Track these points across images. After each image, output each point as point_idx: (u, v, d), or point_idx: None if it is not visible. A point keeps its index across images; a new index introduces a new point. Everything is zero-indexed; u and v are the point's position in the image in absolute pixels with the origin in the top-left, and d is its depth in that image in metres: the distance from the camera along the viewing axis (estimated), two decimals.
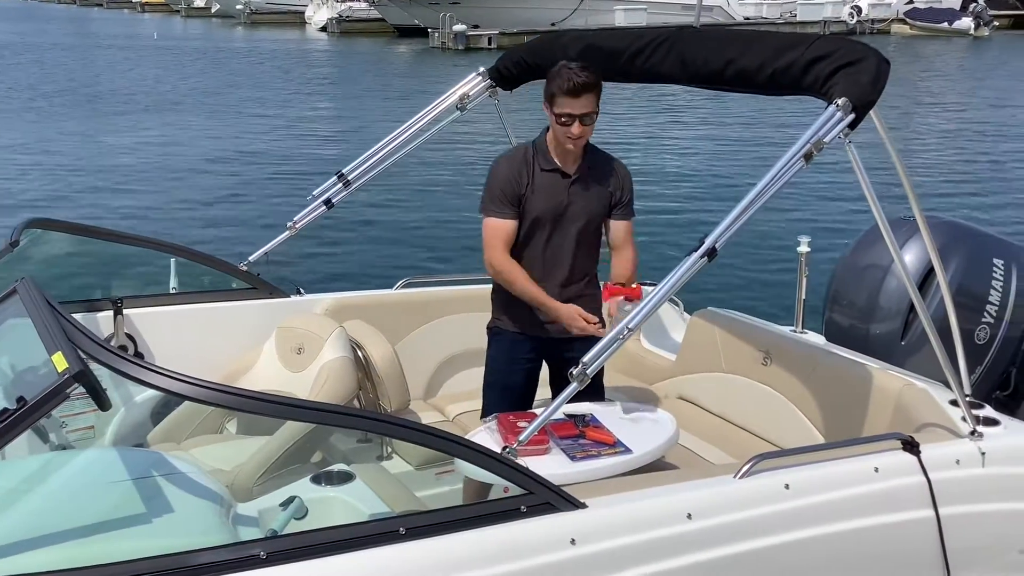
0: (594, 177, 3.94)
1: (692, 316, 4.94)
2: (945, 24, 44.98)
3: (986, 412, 3.69)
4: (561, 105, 3.74)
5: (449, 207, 13.12)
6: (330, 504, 3.18)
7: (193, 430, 4.27)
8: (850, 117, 3.29)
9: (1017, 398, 4.57)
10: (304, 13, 60.38)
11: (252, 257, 4.83)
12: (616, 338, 3.06)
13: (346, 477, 3.31)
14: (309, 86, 29.43)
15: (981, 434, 3.53)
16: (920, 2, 47.25)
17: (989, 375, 4.41)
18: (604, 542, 2.80)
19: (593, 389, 3.78)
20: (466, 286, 5.16)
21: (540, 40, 4.65)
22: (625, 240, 4.01)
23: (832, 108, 3.29)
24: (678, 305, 5.40)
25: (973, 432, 3.53)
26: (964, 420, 3.57)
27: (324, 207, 4.85)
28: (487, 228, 3.91)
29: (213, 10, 70.15)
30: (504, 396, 4.02)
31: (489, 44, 40.58)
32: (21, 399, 2.32)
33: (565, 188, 3.90)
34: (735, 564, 3.00)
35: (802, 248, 4.61)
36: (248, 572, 2.41)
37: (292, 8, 62.52)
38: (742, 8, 47.46)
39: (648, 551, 2.86)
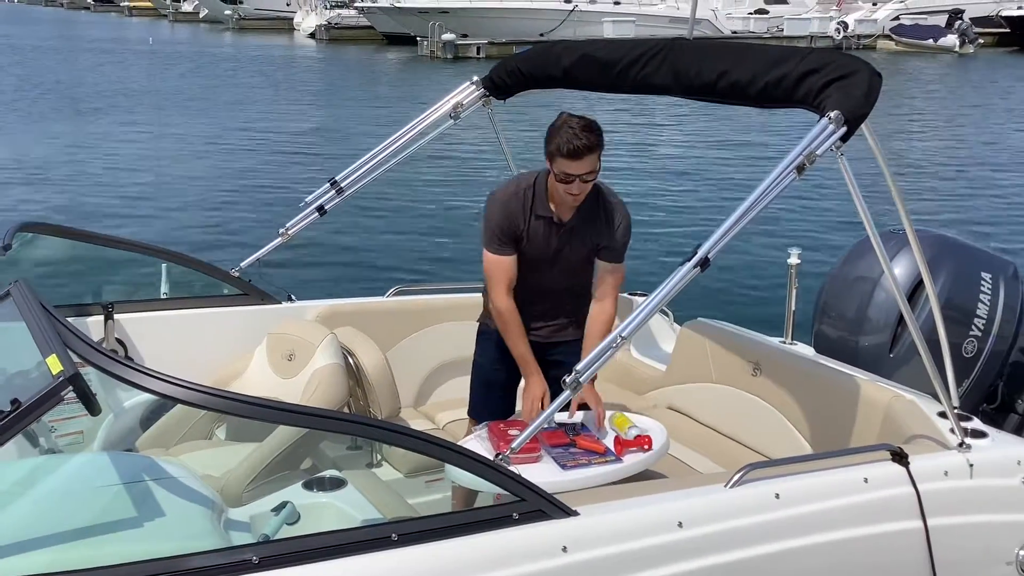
0: (588, 225, 3.92)
1: (682, 327, 4.96)
2: (931, 41, 45.25)
3: (974, 424, 3.72)
4: (561, 165, 3.71)
5: (441, 216, 13.13)
6: (322, 510, 3.18)
7: (183, 436, 4.25)
8: (842, 130, 3.32)
9: (1004, 411, 4.61)
10: (293, 20, 60.35)
11: (244, 263, 4.82)
12: (609, 347, 3.07)
13: (338, 483, 3.32)
14: (298, 93, 29.41)
15: (969, 446, 3.56)
16: (906, 19, 47.57)
17: (977, 388, 4.45)
18: (596, 550, 2.82)
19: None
20: (457, 294, 5.17)
21: (534, 50, 4.67)
22: (608, 287, 3.95)
23: (824, 121, 3.32)
24: (668, 316, 5.43)
25: (961, 444, 3.56)
26: (952, 432, 3.60)
27: (317, 214, 4.85)
28: (488, 262, 3.95)
29: (201, 15, 70.03)
30: (489, 392, 4.10)
31: (478, 54, 40.66)
32: (15, 401, 2.32)
33: (556, 235, 3.91)
34: (725, 573, 3.01)
35: (792, 260, 4.64)
36: None
37: (280, 14, 62.48)
38: (729, 22, 47.71)
39: (639, 559, 2.88)
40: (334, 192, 4.83)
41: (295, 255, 9.22)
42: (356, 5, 51.41)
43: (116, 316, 4.39)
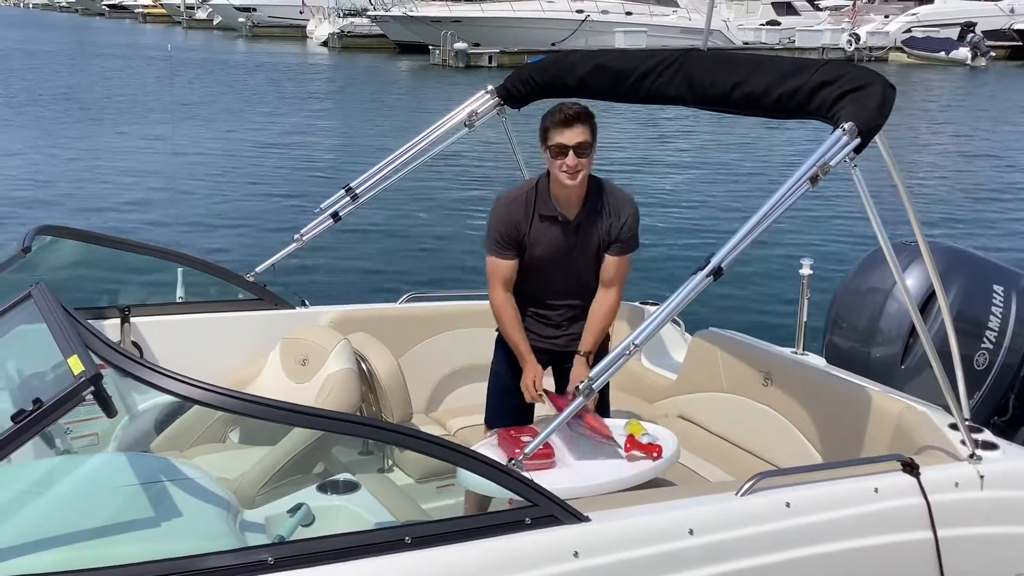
0: (594, 221, 3.95)
1: (694, 336, 4.98)
2: (942, 53, 45.18)
3: (985, 436, 3.72)
4: (553, 137, 3.77)
5: (455, 223, 13.16)
6: (336, 512, 3.21)
7: (196, 439, 4.28)
8: (856, 141, 3.34)
9: (1015, 424, 4.61)
10: (305, 28, 60.56)
11: (259, 268, 4.86)
12: (622, 354, 3.09)
13: (352, 486, 3.34)
14: (311, 100, 29.51)
15: (980, 458, 3.57)
16: (918, 31, 47.52)
17: (988, 400, 4.46)
18: (607, 555, 2.84)
19: (599, 405, 3.84)
20: (470, 301, 5.19)
21: (549, 59, 4.70)
22: (613, 279, 3.98)
23: (838, 132, 3.33)
24: (680, 325, 5.44)
25: (972, 455, 3.57)
26: (963, 443, 3.60)
27: (331, 220, 4.88)
28: (488, 266, 4.01)
29: (215, 22, 70.30)
30: (506, 399, 4.09)
31: (489, 63, 40.73)
32: (38, 400, 2.35)
33: (564, 237, 3.93)
34: None
35: (804, 270, 4.66)
36: None
37: (294, 22, 62.71)
38: (741, 33, 47.74)
39: (650, 565, 2.89)
40: (349, 199, 4.87)
41: (309, 261, 9.25)
42: (369, 14, 51.61)
43: (132, 319, 4.43)
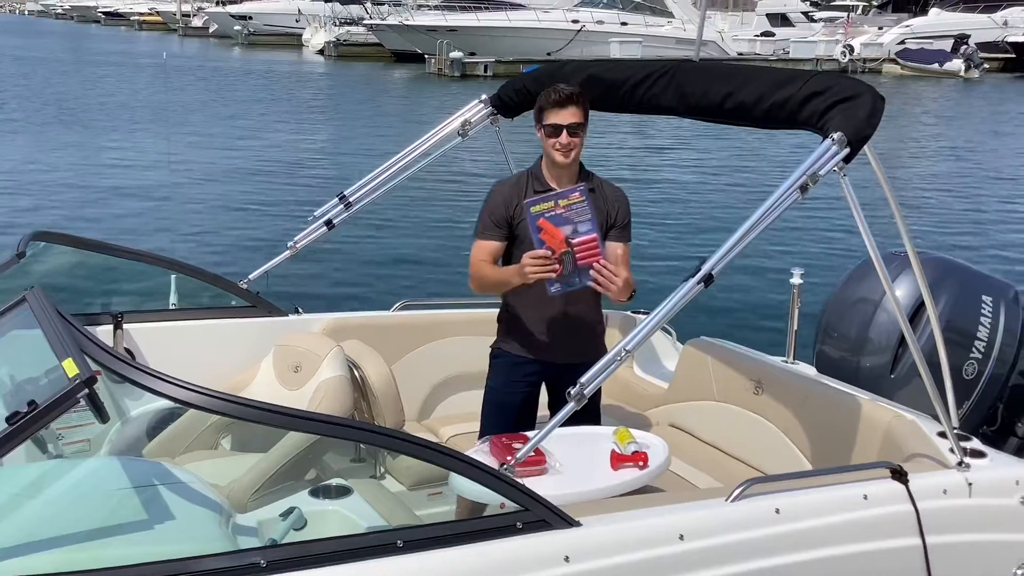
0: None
1: (685, 345, 5.00)
2: (936, 65, 45.35)
3: (973, 444, 3.75)
4: (549, 116, 3.83)
5: (448, 231, 13.18)
6: (328, 517, 3.22)
7: (188, 446, 4.28)
8: (845, 151, 3.37)
9: (1004, 433, 4.64)
10: (301, 36, 60.63)
11: (252, 275, 4.87)
12: (614, 360, 3.11)
13: (344, 491, 3.36)
14: (307, 108, 29.53)
15: (968, 465, 3.59)
16: (912, 43, 47.71)
17: (977, 410, 4.48)
18: (597, 560, 2.85)
19: (590, 412, 3.85)
20: (463, 309, 5.21)
21: (542, 69, 4.73)
22: (616, 261, 4.00)
23: (828, 142, 3.37)
24: (671, 334, 5.47)
25: (960, 463, 3.59)
26: (952, 451, 3.63)
27: (325, 228, 4.90)
28: (473, 250, 3.98)
29: (210, 30, 70.32)
30: (502, 416, 4.05)
31: (485, 72, 40.79)
32: (32, 403, 2.37)
33: None
34: None
35: (795, 280, 4.69)
36: None
37: (290, 31, 62.77)
38: (736, 44, 47.93)
39: (640, 570, 2.91)
40: (342, 207, 4.89)
41: (303, 268, 9.28)
42: (365, 23, 51.68)
43: (125, 326, 4.44)
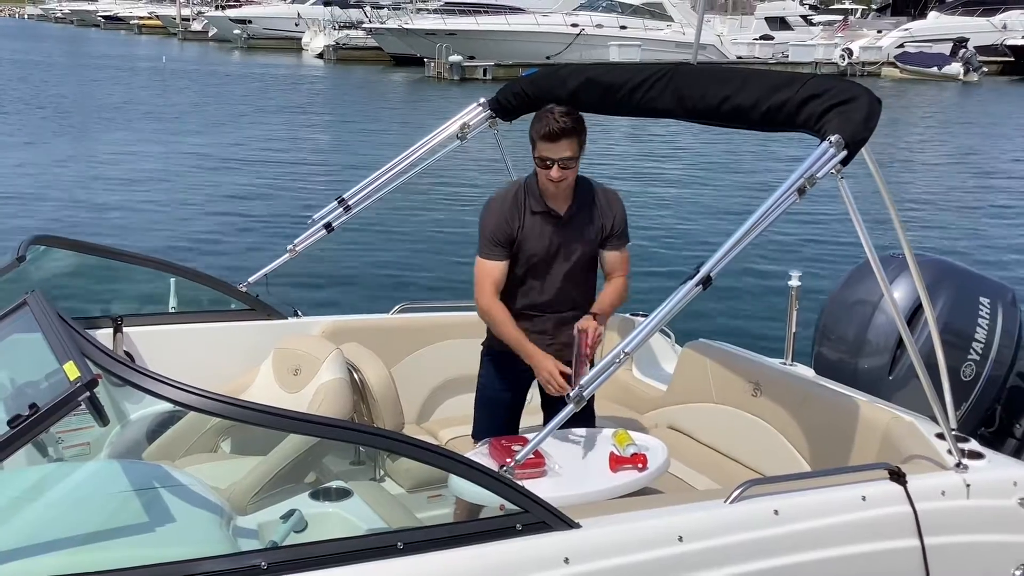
0: (585, 215, 3.98)
1: (684, 347, 5.01)
2: (935, 69, 45.41)
3: (971, 446, 3.76)
4: (540, 149, 3.82)
5: (447, 234, 13.20)
6: (328, 519, 3.23)
7: (188, 449, 4.29)
8: (842, 154, 3.38)
9: (1002, 435, 4.66)
10: (301, 40, 60.67)
11: (252, 278, 4.88)
12: (612, 362, 3.12)
13: (344, 493, 3.36)
14: (306, 112, 29.56)
15: (966, 467, 3.60)
16: (911, 46, 47.78)
17: (975, 411, 4.50)
18: (597, 562, 2.86)
19: (585, 415, 3.86)
20: (462, 312, 5.21)
21: (540, 73, 4.73)
22: (617, 270, 4.05)
23: (825, 145, 3.37)
24: (670, 337, 5.48)
25: (958, 464, 3.60)
26: (950, 453, 3.64)
27: (324, 231, 4.91)
28: (478, 268, 3.99)
29: (210, 34, 70.37)
30: (494, 412, 4.11)
31: (484, 75, 40.83)
32: (33, 406, 2.37)
33: (556, 230, 3.95)
34: None
35: (793, 282, 4.70)
36: None
37: (289, 34, 62.82)
38: (735, 47, 47.99)
39: (639, 572, 2.92)
40: (341, 210, 4.90)
41: (302, 271, 9.26)
42: (365, 26, 51.73)
43: (125, 329, 4.45)
